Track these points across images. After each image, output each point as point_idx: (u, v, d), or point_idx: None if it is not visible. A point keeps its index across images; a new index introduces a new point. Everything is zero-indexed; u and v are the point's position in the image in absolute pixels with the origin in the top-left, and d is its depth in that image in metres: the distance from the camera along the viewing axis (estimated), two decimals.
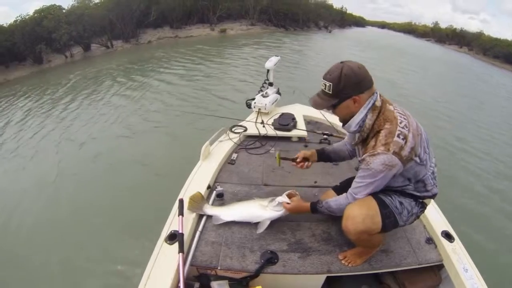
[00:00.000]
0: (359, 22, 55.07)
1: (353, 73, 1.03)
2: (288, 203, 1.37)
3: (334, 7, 37.57)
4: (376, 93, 1.10)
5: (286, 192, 1.42)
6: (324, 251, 1.34)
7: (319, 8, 31.08)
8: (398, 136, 1.02)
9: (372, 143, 1.06)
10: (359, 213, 1.12)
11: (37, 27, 13.48)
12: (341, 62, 1.06)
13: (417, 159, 1.06)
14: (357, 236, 1.16)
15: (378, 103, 1.08)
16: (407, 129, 1.04)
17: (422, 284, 1.35)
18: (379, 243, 1.30)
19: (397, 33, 50.41)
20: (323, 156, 1.51)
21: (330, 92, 1.07)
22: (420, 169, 1.10)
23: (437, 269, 1.38)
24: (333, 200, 1.24)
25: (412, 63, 15.16)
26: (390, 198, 1.16)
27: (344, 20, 40.68)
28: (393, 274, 1.40)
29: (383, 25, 71.01)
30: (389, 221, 1.14)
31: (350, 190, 1.18)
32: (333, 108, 1.12)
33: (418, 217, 1.24)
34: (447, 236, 1.42)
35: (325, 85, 1.08)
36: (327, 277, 1.31)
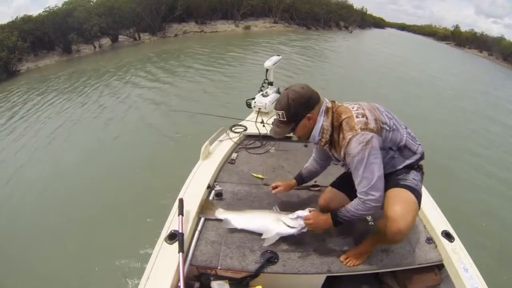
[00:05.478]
0: (379, 24, 53.99)
1: (299, 95, 1.14)
2: (308, 220, 1.29)
3: (355, 7, 37.28)
4: (324, 99, 1.19)
5: (309, 209, 1.33)
6: (324, 251, 1.34)
7: (340, 8, 30.98)
8: (357, 117, 1.10)
9: (340, 136, 1.13)
10: (405, 211, 1.07)
11: (68, 18, 13.93)
12: (286, 89, 1.17)
13: (385, 126, 1.12)
14: (406, 234, 1.10)
15: (329, 105, 1.17)
16: (361, 109, 1.13)
17: (422, 284, 1.34)
18: None
19: (418, 36, 49.82)
20: (302, 181, 1.57)
21: (285, 119, 1.16)
22: (394, 135, 1.15)
23: (437, 269, 1.37)
24: (349, 205, 1.19)
25: None
26: (408, 180, 1.17)
27: (365, 21, 40.16)
28: (393, 273, 1.40)
29: (402, 27, 69.23)
30: (419, 200, 1.15)
31: (359, 191, 1.13)
32: (292, 131, 1.21)
33: (422, 181, 1.25)
34: (447, 236, 1.42)
35: (279, 114, 1.17)
36: (327, 276, 1.31)
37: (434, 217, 1.54)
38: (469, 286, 1.22)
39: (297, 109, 1.14)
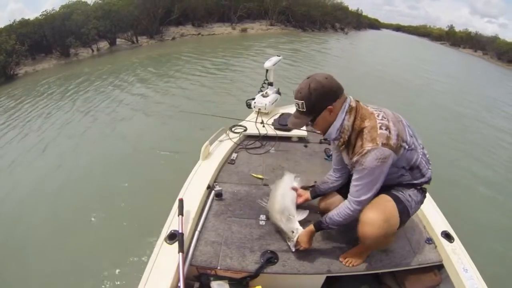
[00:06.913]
0: (374, 25, 54.46)
1: (321, 85, 1.06)
2: (300, 243, 1.30)
3: (350, 9, 37.43)
4: (349, 96, 1.13)
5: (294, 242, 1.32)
6: (324, 251, 1.34)
7: (336, 10, 31.05)
8: (380, 128, 1.05)
9: (358, 143, 1.07)
10: (377, 218, 1.09)
11: (66, 21, 13.94)
12: (308, 78, 1.09)
13: (404, 144, 1.08)
14: (374, 240, 1.13)
15: (353, 104, 1.11)
16: (385, 119, 1.07)
17: (422, 284, 1.34)
18: (391, 242, 1.31)
19: (413, 37, 50.16)
20: (316, 194, 1.51)
21: (305, 110, 1.09)
22: (411, 155, 1.11)
23: (437, 269, 1.38)
24: (335, 214, 1.19)
25: None
26: (401, 192, 1.17)
27: (360, 22, 40.42)
28: (393, 274, 1.40)
29: (398, 28, 70.06)
30: (404, 216, 1.15)
31: (350, 197, 1.15)
32: (311, 123, 1.15)
33: (421, 203, 1.25)
34: (447, 236, 1.43)
35: (298, 104, 1.10)
36: (327, 277, 1.31)
37: (434, 217, 1.54)
38: (469, 286, 1.22)
39: (319, 99, 1.07)
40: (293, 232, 1.31)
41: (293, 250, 1.32)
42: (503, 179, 4.39)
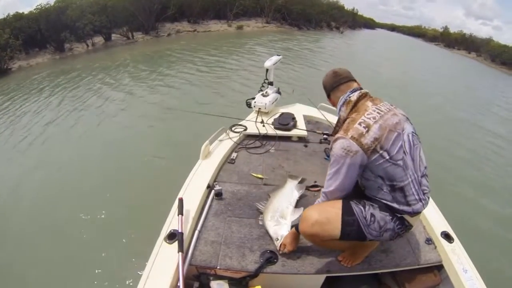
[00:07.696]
0: (369, 24, 54.67)
1: (323, 80, 1.29)
2: (285, 245, 1.30)
3: (346, 8, 37.46)
4: (351, 91, 1.18)
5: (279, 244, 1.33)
6: (324, 251, 1.34)
7: (332, 9, 31.15)
8: (359, 124, 1.06)
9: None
10: (311, 216, 1.11)
11: (62, 16, 13.86)
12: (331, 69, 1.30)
13: (384, 153, 1.02)
14: (308, 238, 1.17)
15: (353, 98, 1.16)
16: (374, 120, 1.06)
17: (421, 285, 1.35)
18: (341, 249, 1.29)
19: (408, 37, 50.55)
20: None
21: None
22: (393, 170, 1.03)
23: (436, 270, 1.38)
24: None
25: None
26: (361, 207, 1.09)
27: (355, 21, 40.58)
28: (393, 274, 1.40)
29: (392, 28, 71.16)
30: (351, 230, 1.08)
31: (325, 188, 1.18)
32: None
33: (399, 235, 1.13)
34: (447, 236, 1.43)
35: None
36: (327, 277, 1.31)
37: (433, 218, 1.54)
38: (469, 287, 1.22)
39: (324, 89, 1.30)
40: (277, 239, 1.34)
41: (280, 253, 1.32)
42: (502, 180, 4.39)
